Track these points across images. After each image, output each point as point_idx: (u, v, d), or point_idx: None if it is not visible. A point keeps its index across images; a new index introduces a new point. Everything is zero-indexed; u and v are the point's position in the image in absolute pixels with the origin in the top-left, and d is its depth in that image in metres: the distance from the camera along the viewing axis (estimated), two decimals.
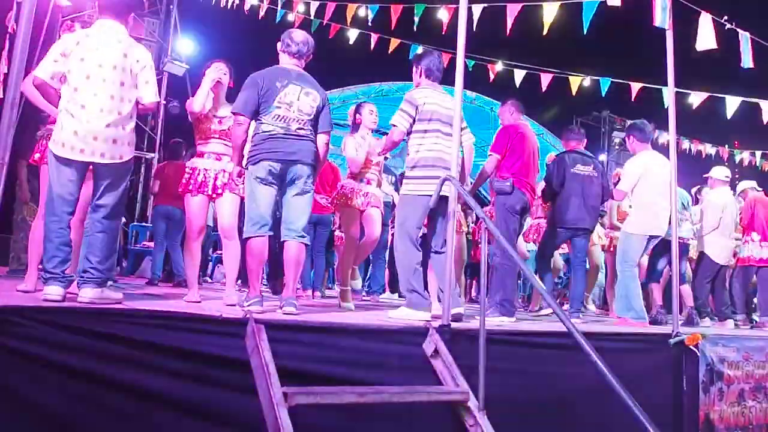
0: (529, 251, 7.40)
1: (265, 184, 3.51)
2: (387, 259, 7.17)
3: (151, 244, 9.50)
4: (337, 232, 7.16)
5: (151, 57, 3.36)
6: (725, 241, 6.52)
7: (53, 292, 2.87)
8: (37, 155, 3.94)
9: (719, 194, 6.58)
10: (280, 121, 3.54)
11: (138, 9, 3.46)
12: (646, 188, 5.34)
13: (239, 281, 5.06)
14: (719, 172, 6.74)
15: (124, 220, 7.07)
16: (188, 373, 2.56)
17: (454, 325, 3.28)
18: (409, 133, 4.04)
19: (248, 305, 3.39)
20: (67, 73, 3.08)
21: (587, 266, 7.06)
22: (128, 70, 3.15)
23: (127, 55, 3.16)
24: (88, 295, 2.93)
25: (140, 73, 3.20)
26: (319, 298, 6.30)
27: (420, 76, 4.23)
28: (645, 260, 6.18)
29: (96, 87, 3.06)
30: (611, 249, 6.87)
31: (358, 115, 5.14)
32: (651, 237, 5.33)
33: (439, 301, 3.73)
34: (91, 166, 3.11)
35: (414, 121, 3.99)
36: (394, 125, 4.01)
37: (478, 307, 3.32)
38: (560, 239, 5.55)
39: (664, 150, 5.48)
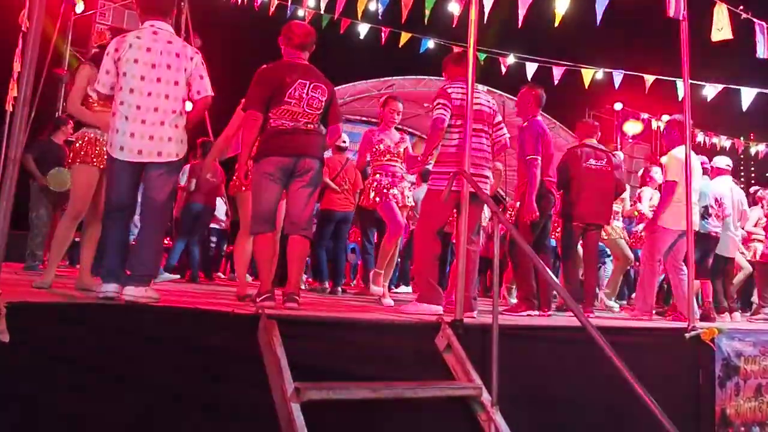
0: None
1: (273, 181, 3.50)
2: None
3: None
4: None
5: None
6: (728, 233, 6.38)
7: (111, 288, 2.95)
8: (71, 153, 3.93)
9: (717, 184, 6.44)
10: (289, 116, 3.54)
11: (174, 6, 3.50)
12: (683, 183, 5.22)
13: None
14: (720, 161, 6.64)
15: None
16: (200, 368, 2.56)
17: (466, 319, 3.26)
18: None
19: (260, 300, 3.38)
20: (121, 76, 3.11)
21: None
22: (182, 69, 3.18)
23: (180, 54, 3.19)
24: (132, 293, 2.94)
25: (194, 69, 3.22)
26: (340, 293, 6.25)
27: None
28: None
29: (150, 87, 3.10)
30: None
31: (382, 110, 5.20)
32: (682, 232, 5.22)
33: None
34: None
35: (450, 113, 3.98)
36: (436, 117, 4.00)
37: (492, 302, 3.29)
38: (576, 234, 5.47)
39: None
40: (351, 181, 6.23)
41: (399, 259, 7.34)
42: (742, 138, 13.69)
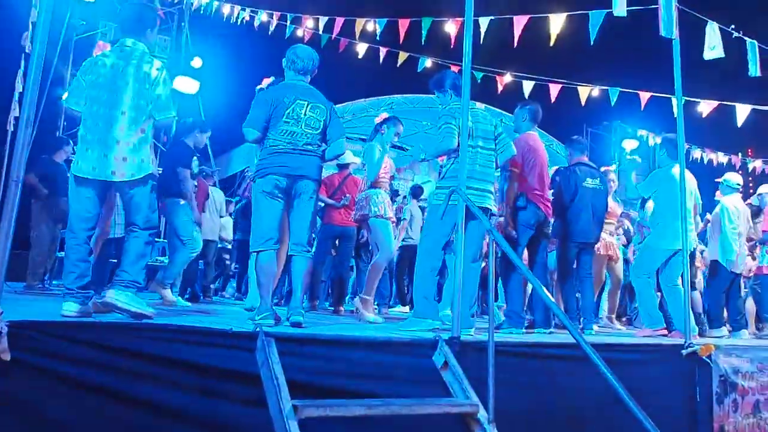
0: None
1: (272, 198, 3.56)
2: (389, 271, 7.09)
3: (164, 258, 9.61)
4: None
5: (167, 72, 3.38)
6: (740, 249, 6.42)
7: (69, 308, 2.93)
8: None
9: (732, 201, 6.49)
10: (288, 136, 3.60)
11: (153, 24, 3.52)
12: (673, 202, 5.22)
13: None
14: (731, 179, 6.67)
15: None
16: (199, 386, 2.58)
17: (463, 337, 3.28)
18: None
19: (260, 318, 3.41)
20: (87, 95, 3.18)
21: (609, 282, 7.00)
22: (143, 86, 3.19)
23: (141, 70, 3.21)
24: (115, 296, 2.99)
25: (153, 87, 3.22)
26: (343, 312, 6.23)
27: (451, 96, 4.32)
28: None
29: (110, 105, 3.13)
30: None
31: (384, 127, 5.15)
32: (675, 251, 5.20)
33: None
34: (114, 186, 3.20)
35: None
36: (448, 135, 4.01)
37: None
38: (572, 254, 5.49)
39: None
40: (352, 196, 6.22)
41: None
42: (739, 154, 13.76)
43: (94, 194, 3.14)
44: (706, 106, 7.74)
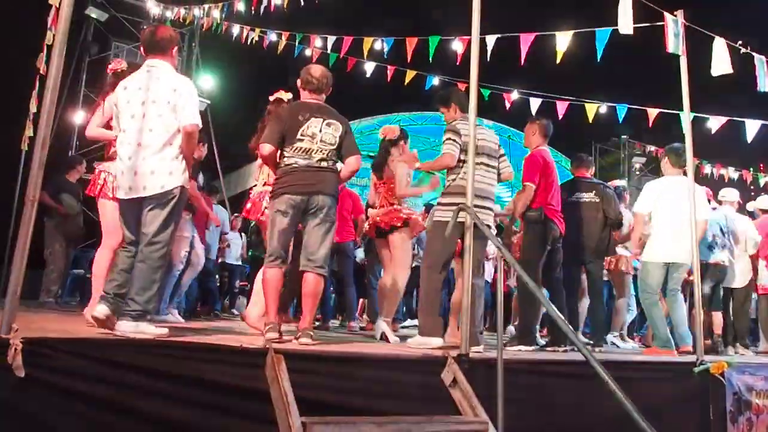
0: None
1: (285, 218, 3.58)
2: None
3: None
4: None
5: (192, 86, 3.44)
6: (729, 263, 6.34)
7: (100, 310, 3.06)
8: (97, 186, 4.00)
9: (720, 216, 6.42)
10: (303, 153, 3.63)
11: (176, 43, 3.61)
12: (666, 213, 5.21)
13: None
14: (724, 193, 6.67)
15: None
16: (209, 402, 2.59)
17: (472, 354, 3.27)
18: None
19: (266, 331, 3.42)
20: (119, 118, 3.29)
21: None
22: (165, 102, 3.25)
23: (165, 87, 3.28)
24: (121, 328, 3.01)
25: (178, 100, 3.26)
26: (356, 329, 6.20)
27: (456, 112, 4.35)
28: None
29: (138, 124, 3.22)
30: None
31: (402, 143, 5.20)
32: (672, 264, 5.19)
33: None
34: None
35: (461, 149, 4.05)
36: (447, 152, 4.06)
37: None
38: (572, 269, 5.46)
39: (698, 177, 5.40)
40: (348, 211, 6.20)
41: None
42: (750, 169, 13.69)
43: (135, 214, 3.24)
44: (715, 122, 7.70)
